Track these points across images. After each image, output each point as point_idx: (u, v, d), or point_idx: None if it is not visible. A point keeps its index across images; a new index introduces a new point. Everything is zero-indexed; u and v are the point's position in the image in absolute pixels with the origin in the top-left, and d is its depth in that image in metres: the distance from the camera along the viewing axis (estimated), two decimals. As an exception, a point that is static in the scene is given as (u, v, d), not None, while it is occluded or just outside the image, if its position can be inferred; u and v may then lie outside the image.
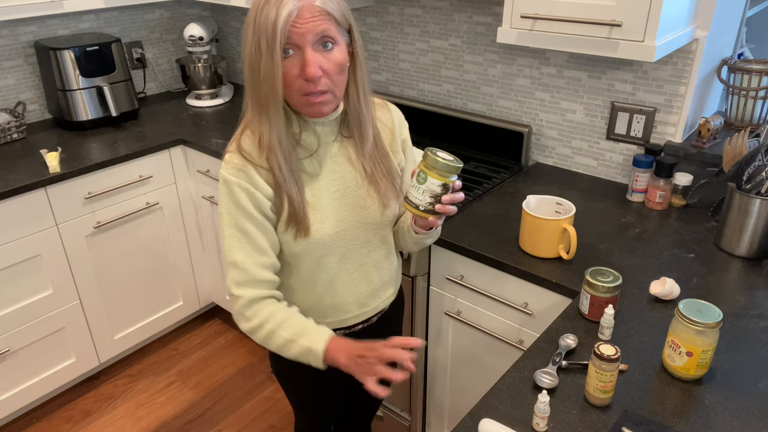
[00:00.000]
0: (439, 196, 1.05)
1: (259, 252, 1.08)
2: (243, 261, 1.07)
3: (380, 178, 1.14)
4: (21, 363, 2.09)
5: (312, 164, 1.11)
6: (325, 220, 1.11)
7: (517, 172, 1.93)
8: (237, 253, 1.07)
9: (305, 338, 1.07)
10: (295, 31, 0.96)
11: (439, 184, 1.04)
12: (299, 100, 1.02)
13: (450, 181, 1.04)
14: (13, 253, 1.95)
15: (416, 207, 1.06)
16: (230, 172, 1.05)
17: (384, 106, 1.22)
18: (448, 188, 1.05)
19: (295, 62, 0.98)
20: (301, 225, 1.08)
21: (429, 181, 1.04)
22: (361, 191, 1.14)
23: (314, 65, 0.97)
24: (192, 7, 2.85)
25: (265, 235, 1.08)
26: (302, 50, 0.97)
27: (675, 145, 1.69)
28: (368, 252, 1.19)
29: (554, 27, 1.44)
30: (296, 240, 1.09)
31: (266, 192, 1.06)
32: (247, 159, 1.05)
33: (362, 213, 1.15)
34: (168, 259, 2.44)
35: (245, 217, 1.06)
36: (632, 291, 1.31)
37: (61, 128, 2.38)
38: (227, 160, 1.07)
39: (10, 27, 2.28)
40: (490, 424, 0.97)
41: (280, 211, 1.08)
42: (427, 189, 1.04)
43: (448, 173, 1.03)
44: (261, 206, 1.06)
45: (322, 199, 1.11)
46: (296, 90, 1.01)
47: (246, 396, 2.32)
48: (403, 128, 1.24)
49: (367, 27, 2.28)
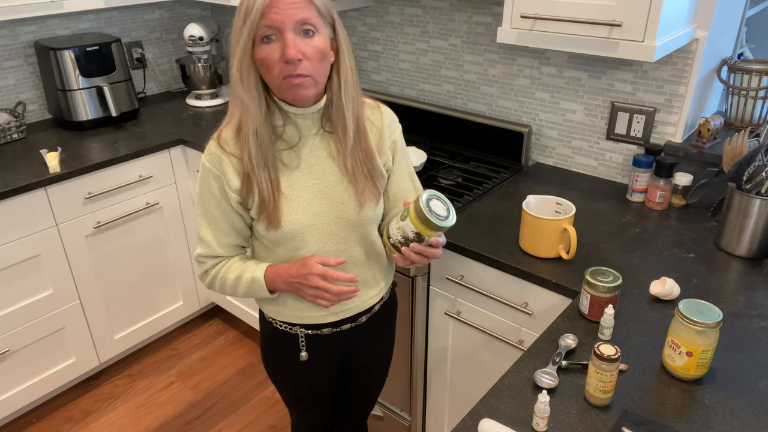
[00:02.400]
0: (410, 241, 1.05)
1: (222, 233, 1.18)
2: (208, 239, 1.18)
3: (359, 175, 1.16)
4: (21, 363, 2.09)
5: (291, 156, 1.14)
6: (300, 211, 1.13)
7: (517, 172, 1.93)
8: (203, 231, 1.19)
9: (248, 272, 1.18)
10: (275, 17, 0.99)
11: (414, 231, 1.04)
12: (280, 84, 1.05)
13: (426, 234, 1.03)
14: (13, 253, 1.95)
15: (388, 237, 1.10)
16: (207, 158, 1.13)
17: (375, 107, 1.23)
18: (422, 239, 1.04)
19: (276, 47, 1.02)
20: (272, 216, 1.12)
21: (407, 222, 1.04)
22: (339, 187, 1.16)
23: (293, 48, 1.00)
24: (192, 7, 2.85)
25: (229, 220, 1.17)
26: (283, 35, 1.01)
27: (675, 145, 1.69)
28: (346, 248, 1.20)
29: (554, 27, 1.44)
30: (268, 230, 1.14)
31: (232, 183, 1.12)
32: (222, 148, 1.12)
33: (340, 209, 1.16)
34: (168, 259, 2.44)
35: (212, 202, 1.15)
36: (632, 291, 1.31)
37: (61, 128, 2.38)
38: (207, 147, 1.14)
39: (10, 27, 2.28)
40: (490, 424, 0.97)
41: (247, 199, 1.12)
42: (402, 228, 1.05)
43: (426, 227, 1.02)
44: (227, 195, 1.13)
45: (297, 191, 1.13)
46: (277, 74, 1.03)
47: (246, 396, 2.32)
48: (393, 129, 1.24)
49: (367, 27, 2.28)
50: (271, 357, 1.36)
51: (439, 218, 1.02)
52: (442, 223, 1.02)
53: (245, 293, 1.19)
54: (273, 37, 1.01)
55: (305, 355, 1.29)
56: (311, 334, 1.28)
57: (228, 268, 1.20)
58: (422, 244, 1.06)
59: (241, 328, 2.69)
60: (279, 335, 1.29)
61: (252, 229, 1.20)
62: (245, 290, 1.19)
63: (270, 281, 1.16)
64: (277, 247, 1.18)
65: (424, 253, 1.07)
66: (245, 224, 1.19)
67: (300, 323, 1.26)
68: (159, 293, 2.46)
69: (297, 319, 1.25)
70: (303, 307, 1.23)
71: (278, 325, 1.28)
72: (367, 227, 1.20)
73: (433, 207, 1.03)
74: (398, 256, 1.09)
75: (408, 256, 1.07)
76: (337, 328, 1.28)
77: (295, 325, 1.27)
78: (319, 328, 1.27)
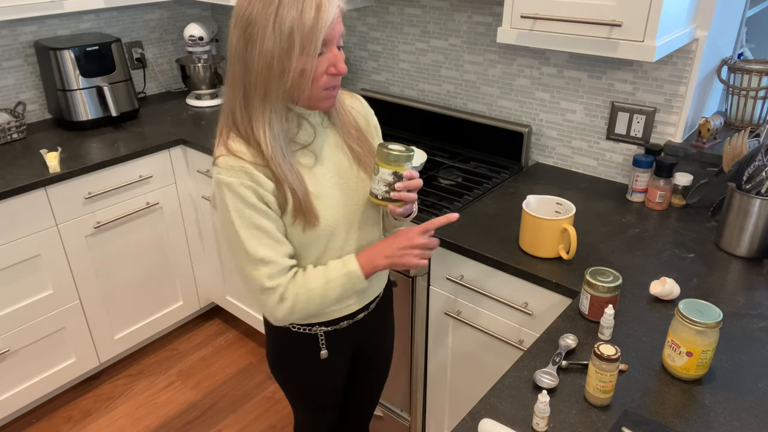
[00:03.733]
0: (392, 185, 1.11)
1: (279, 243, 1.11)
2: (270, 255, 1.09)
3: (365, 158, 1.20)
4: (21, 363, 2.09)
5: (306, 155, 1.14)
6: (330, 207, 1.14)
7: (517, 172, 1.93)
8: (262, 250, 1.08)
9: (335, 272, 1.14)
10: (331, 32, 1.02)
11: (390, 173, 1.11)
12: (320, 94, 1.07)
13: (400, 169, 1.10)
14: (13, 253, 1.95)
15: (375, 196, 1.14)
16: (229, 175, 1.05)
17: (353, 96, 1.28)
18: (400, 176, 1.11)
19: (323, 59, 1.04)
20: (309, 215, 1.11)
21: (381, 171, 1.11)
22: (352, 174, 1.19)
23: (343, 62, 1.06)
24: (192, 7, 2.85)
25: (279, 226, 1.11)
26: (329, 48, 1.04)
27: (675, 145, 1.69)
28: (365, 234, 1.22)
29: (554, 27, 1.44)
30: (305, 231, 1.12)
31: (268, 186, 1.07)
32: (242, 158, 1.05)
33: (357, 195, 1.19)
34: (168, 259, 2.44)
35: (258, 214, 1.07)
36: (632, 291, 1.31)
37: (61, 128, 2.38)
38: (221, 164, 1.05)
39: (10, 27, 2.28)
40: (490, 424, 0.97)
41: (284, 204, 1.10)
42: (381, 179, 1.11)
43: (396, 162, 1.09)
44: (267, 200, 1.08)
45: (323, 188, 1.14)
46: (321, 85, 1.06)
47: (246, 396, 2.32)
48: (372, 115, 1.30)
49: (367, 27, 2.28)
50: (285, 361, 1.33)
51: (399, 149, 1.10)
52: (405, 151, 1.10)
53: (339, 296, 1.15)
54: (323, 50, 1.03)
55: (326, 353, 1.28)
56: (330, 330, 1.28)
57: (304, 282, 1.13)
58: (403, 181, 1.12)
59: (241, 328, 2.69)
60: (295, 338, 1.28)
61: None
62: (339, 292, 1.14)
63: (365, 264, 1.15)
64: (307, 251, 1.16)
65: (408, 186, 1.11)
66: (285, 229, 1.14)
67: (320, 321, 1.26)
68: (159, 293, 2.46)
69: (318, 318, 1.25)
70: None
71: (296, 328, 1.27)
72: (377, 208, 1.24)
73: (392, 146, 1.11)
74: (392, 206, 1.13)
75: (400, 196, 1.11)
76: (353, 319, 1.29)
77: (314, 325, 1.26)
78: (338, 322, 1.27)
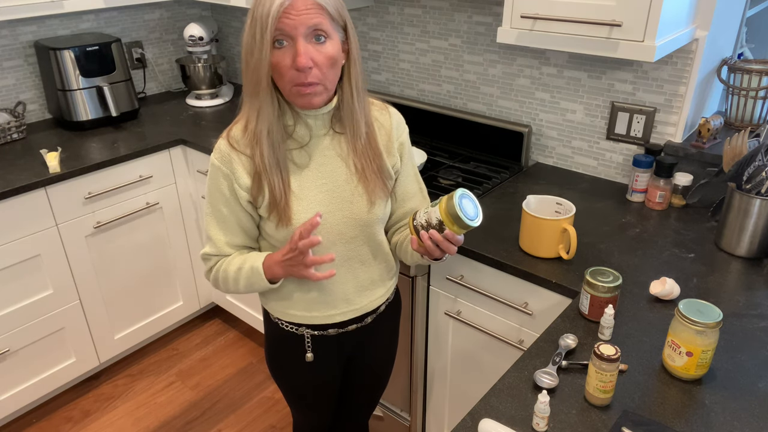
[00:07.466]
0: (431, 227, 1.08)
1: (230, 233, 1.18)
2: (216, 238, 1.19)
3: (370, 174, 1.17)
4: (21, 363, 2.09)
5: (301, 156, 1.15)
6: (309, 209, 1.14)
7: (517, 172, 1.93)
8: (212, 229, 1.19)
9: (247, 263, 1.17)
10: (287, 22, 1.00)
11: (438, 219, 1.08)
12: (290, 90, 1.06)
13: (448, 226, 1.07)
14: (13, 253, 1.95)
15: (413, 219, 1.12)
16: (216, 157, 1.14)
17: (384, 108, 1.24)
18: (442, 230, 1.08)
19: (288, 53, 1.02)
20: (283, 214, 1.12)
21: (435, 209, 1.08)
22: (349, 186, 1.17)
23: (305, 56, 1.01)
24: (192, 7, 2.85)
25: (238, 219, 1.17)
26: (294, 41, 1.01)
27: (675, 145, 1.69)
28: (354, 248, 1.21)
29: (554, 27, 1.44)
30: (278, 228, 1.14)
31: (243, 182, 1.12)
32: (233, 146, 1.12)
33: (349, 208, 1.17)
34: (168, 259, 2.44)
35: (222, 201, 1.15)
36: (632, 291, 1.31)
37: (61, 128, 2.38)
38: (217, 146, 1.14)
39: (10, 27, 2.28)
40: (490, 424, 0.97)
41: (257, 198, 1.13)
42: (429, 213, 1.09)
43: (450, 218, 1.06)
44: (237, 194, 1.13)
45: (307, 190, 1.14)
46: (288, 80, 1.05)
47: (246, 396, 2.32)
48: (401, 131, 1.25)
49: (367, 27, 2.28)
50: (276, 358, 1.35)
51: (465, 215, 1.06)
52: (466, 220, 1.06)
53: (246, 286, 1.18)
54: (285, 43, 1.02)
55: (311, 356, 1.29)
56: (317, 335, 1.28)
57: (230, 262, 1.19)
58: (439, 234, 1.09)
59: (241, 328, 2.69)
60: (284, 336, 1.29)
61: (260, 229, 1.21)
62: (246, 282, 1.17)
63: (267, 267, 1.15)
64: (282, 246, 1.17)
65: (439, 243, 1.09)
66: (254, 224, 1.19)
67: (306, 324, 1.26)
68: (159, 293, 2.46)
69: (303, 319, 1.25)
70: (310, 306, 1.23)
71: (284, 326, 1.28)
72: (375, 227, 1.21)
73: (464, 204, 1.07)
74: (415, 237, 1.12)
75: (424, 240, 1.09)
76: (343, 329, 1.28)
77: (301, 326, 1.27)
78: (326, 328, 1.27)
